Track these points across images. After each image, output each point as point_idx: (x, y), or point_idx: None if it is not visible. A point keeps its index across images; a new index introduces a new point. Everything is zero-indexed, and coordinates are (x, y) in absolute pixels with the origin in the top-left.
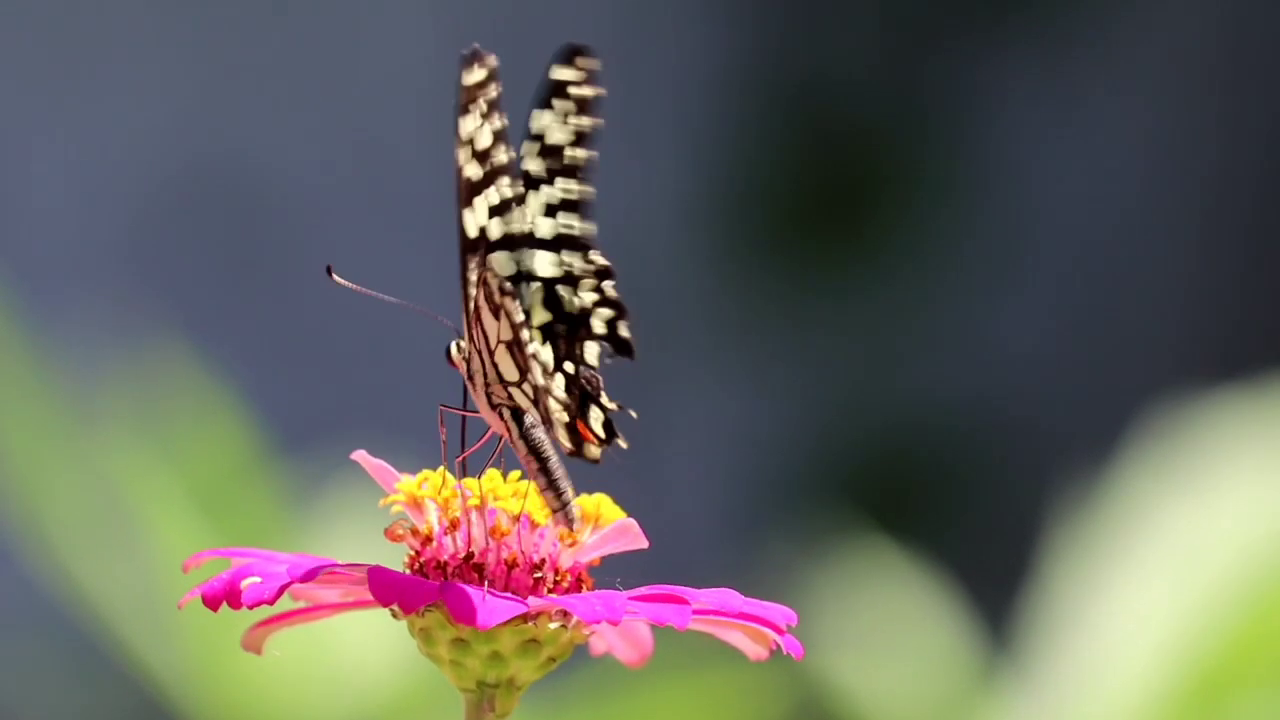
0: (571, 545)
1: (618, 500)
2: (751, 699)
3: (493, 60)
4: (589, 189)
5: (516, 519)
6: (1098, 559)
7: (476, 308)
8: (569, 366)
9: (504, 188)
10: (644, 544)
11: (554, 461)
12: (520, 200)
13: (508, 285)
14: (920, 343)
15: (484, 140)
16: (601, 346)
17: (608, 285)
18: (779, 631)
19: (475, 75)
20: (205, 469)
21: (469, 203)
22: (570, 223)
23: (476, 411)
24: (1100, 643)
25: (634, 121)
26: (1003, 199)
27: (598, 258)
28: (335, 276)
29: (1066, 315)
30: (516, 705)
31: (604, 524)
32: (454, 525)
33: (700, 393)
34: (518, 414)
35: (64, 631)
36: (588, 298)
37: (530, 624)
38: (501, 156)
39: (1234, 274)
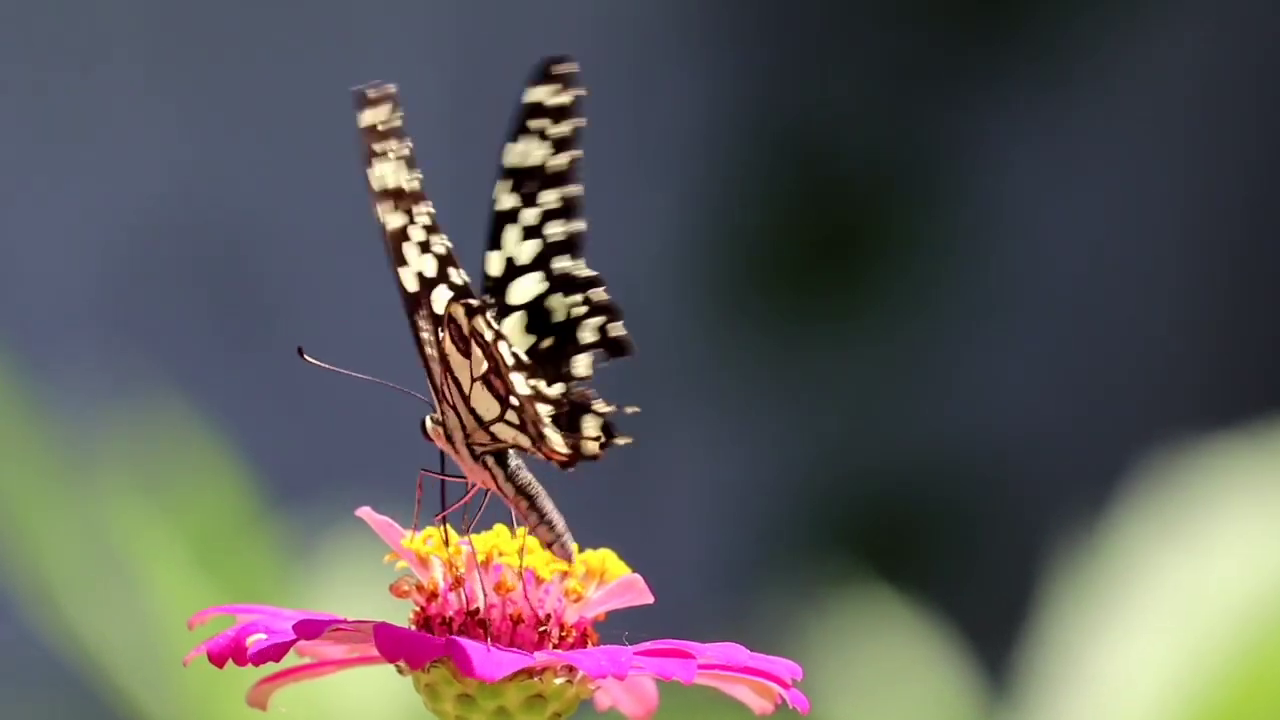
0: (577, 601)
1: (614, 543)
2: None
3: (388, 89)
4: (577, 191)
5: (521, 575)
6: (1096, 607)
7: (443, 357)
8: (557, 389)
9: (424, 218)
10: (649, 599)
11: (542, 497)
12: (432, 230)
13: (473, 302)
14: (916, 390)
15: (393, 179)
16: (594, 355)
17: (595, 292)
18: (784, 685)
19: (371, 115)
20: (203, 522)
21: (401, 258)
22: (557, 231)
23: (459, 476)
24: (1099, 691)
25: (627, 168)
26: (996, 245)
27: (582, 269)
28: (306, 357)
29: (1062, 362)
30: None
31: (609, 579)
32: (459, 581)
33: (695, 441)
34: (501, 459)
35: (64, 684)
36: (576, 310)
37: (536, 679)
38: (414, 183)
39: (1230, 321)
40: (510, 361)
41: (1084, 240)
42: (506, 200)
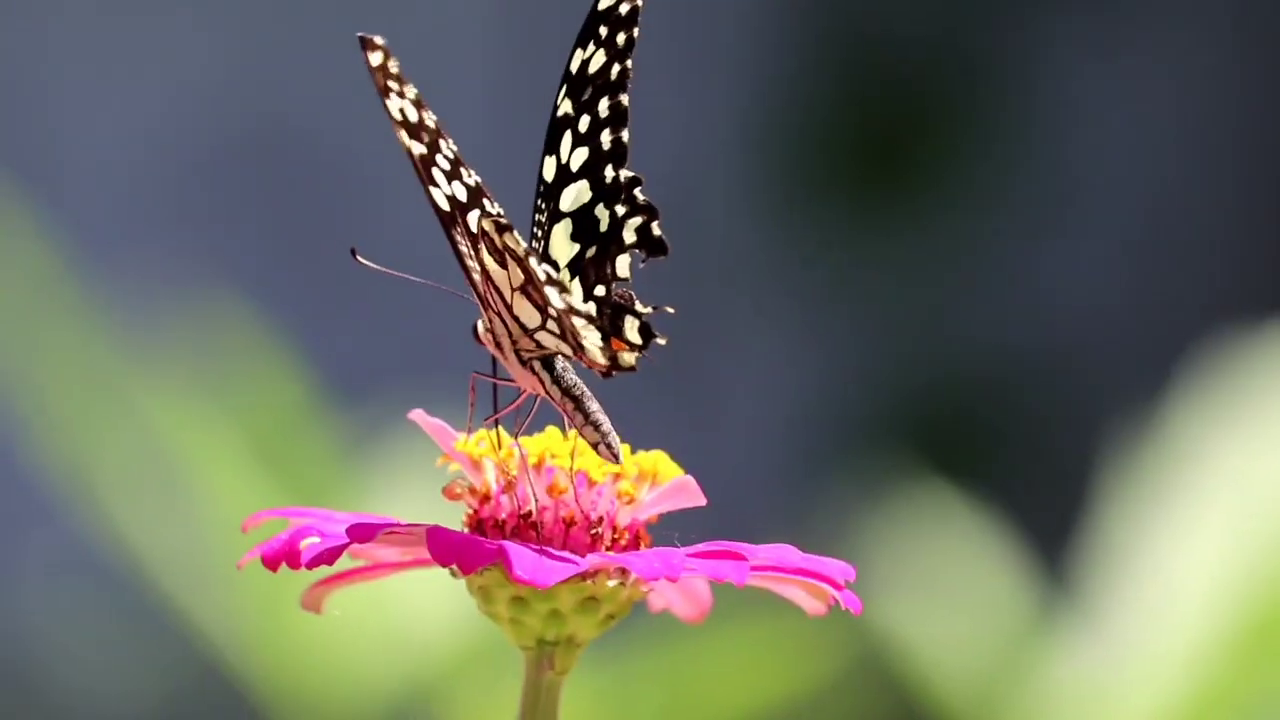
0: (629, 503)
1: (674, 450)
2: (810, 648)
3: (380, 39)
4: (626, 101)
5: (573, 477)
6: (1153, 499)
7: (483, 269)
8: (600, 289)
9: (448, 149)
10: (702, 501)
11: (588, 399)
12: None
13: (502, 220)
14: (973, 288)
15: (412, 113)
16: (633, 255)
17: (637, 192)
18: (837, 587)
19: (377, 56)
20: (261, 420)
21: (431, 179)
22: (606, 139)
23: (509, 379)
24: (1157, 582)
25: (683, 68)
26: (1055, 140)
27: (624, 171)
28: (359, 258)
29: (1116, 257)
30: (576, 662)
31: (661, 481)
32: (511, 484)
33: (755, 342)
34: (548, 363)
35: (116, 588)
36: (619, 210)
37: (589, 582)
38: (430, 120)
39: None
40: (542, 276)
41: (1142, 134)
42: (565, 105)
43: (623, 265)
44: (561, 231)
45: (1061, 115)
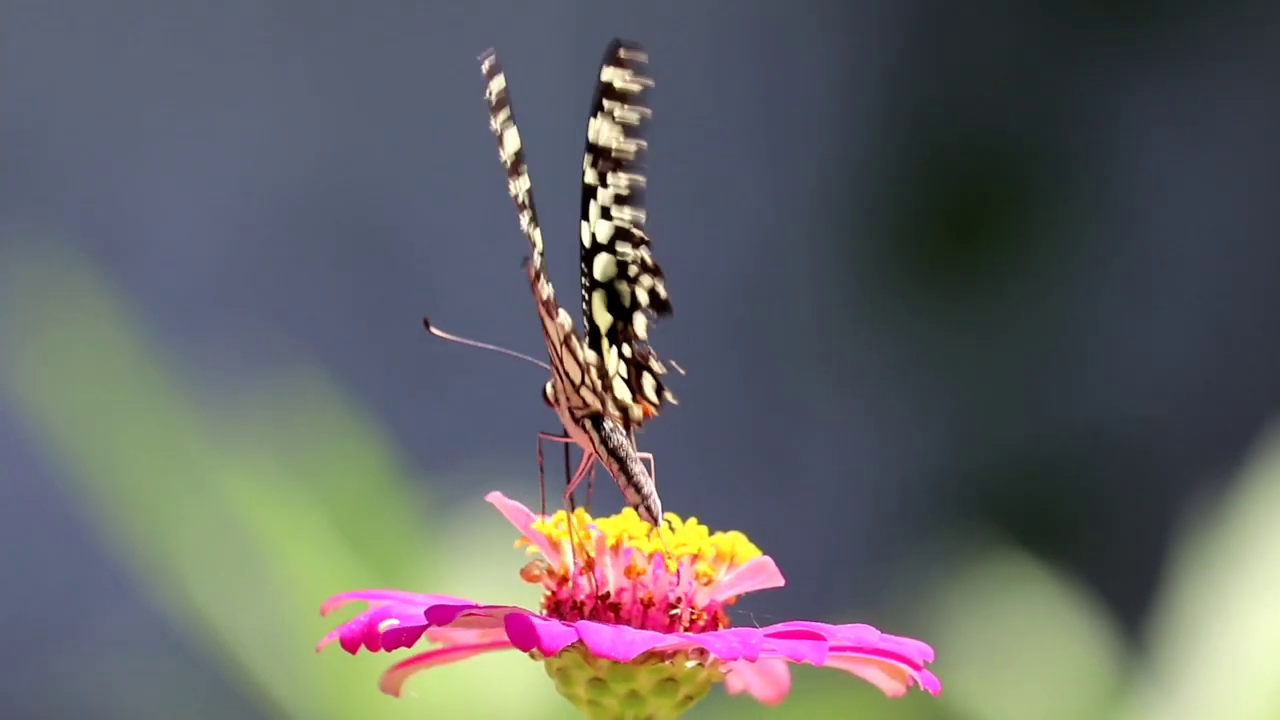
0: (707, 584)
1: (751, 527)
2: (888, 716)
3: (493, 56)
4: (640, 179)
5: (651, 558)
6: (1229, 574)
7: (542, 323)
8: (626, 349)
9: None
10: (780, 582)
11: (633, 461)
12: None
13: (535, 268)
14: (1052, 363)
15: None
16: (647, 315)
17: (645, 252)
18: (915, 667)
19: (496, 84)
20: (340, 497)
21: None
22: (624, 216)
23: (567, 436)
24: (1234, 657)
25: (764, 142)
26: (1132, 221)
27: (639, 231)
28: (433, 329)
29: (1195, 337)
30: None
31: (739, 562)
32: (589, 565)
33: (834, 418)
34: (597, 422)
35: (195, 665)
36: (634, 274)
37: (667, 663)
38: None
39: None
40: (567, 328)
41: (1216, 216)
42: (590, 175)
43: (640, 325)
44: (599, 300)
45: (1139, 193)
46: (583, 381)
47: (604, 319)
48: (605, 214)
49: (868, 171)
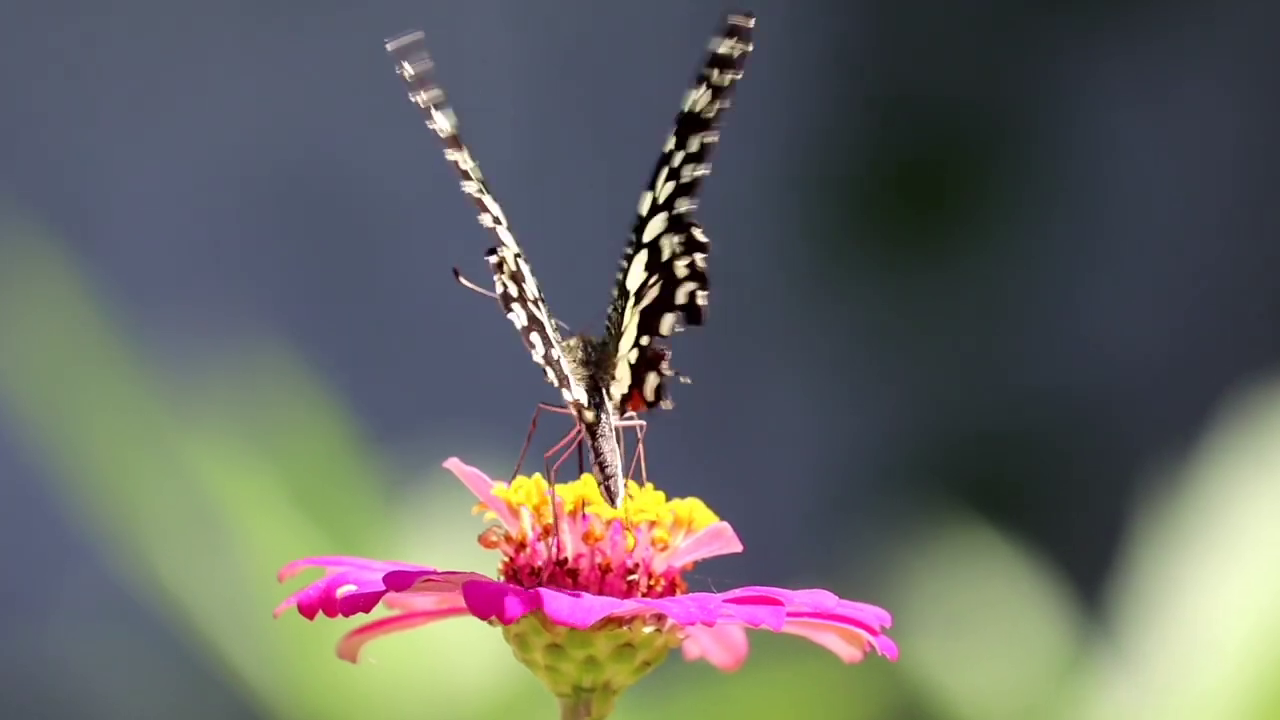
0: (664, 550)
1: (710, 496)
2: (845, 694)
3: (413, 37)
4: (714, 138)
5: (610, 524)
6: (1189, 543)
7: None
8: (645, 339)
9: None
10: (738, 547)
11: (605, 439)
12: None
13: (491, 259)
14: (1011, 330)
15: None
16: (677, 316)
17: (699, 258)
18: (873, 633)
19: (412, 67)
20: (300, 464)
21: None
22: (689, 174)
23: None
24: (1193, 625)
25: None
26: (1089, 190)
27: (699, 234)
28: (462, 279)
29: (1157, 301)
30: (612, 709)
31: (697, 528)
32: (547, 531)
33: (792, 387)
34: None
35: (156, 632)
36: (680, 271)
37: (624, 628)
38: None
39: None
40: (519, 325)
41: (1180, 181)
42: (670, 143)
43: (667, 323)
44: (640, 261)
45: (1098, 161)
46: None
47: (638, 279)
48: (671, 175)
49: (822, 143)
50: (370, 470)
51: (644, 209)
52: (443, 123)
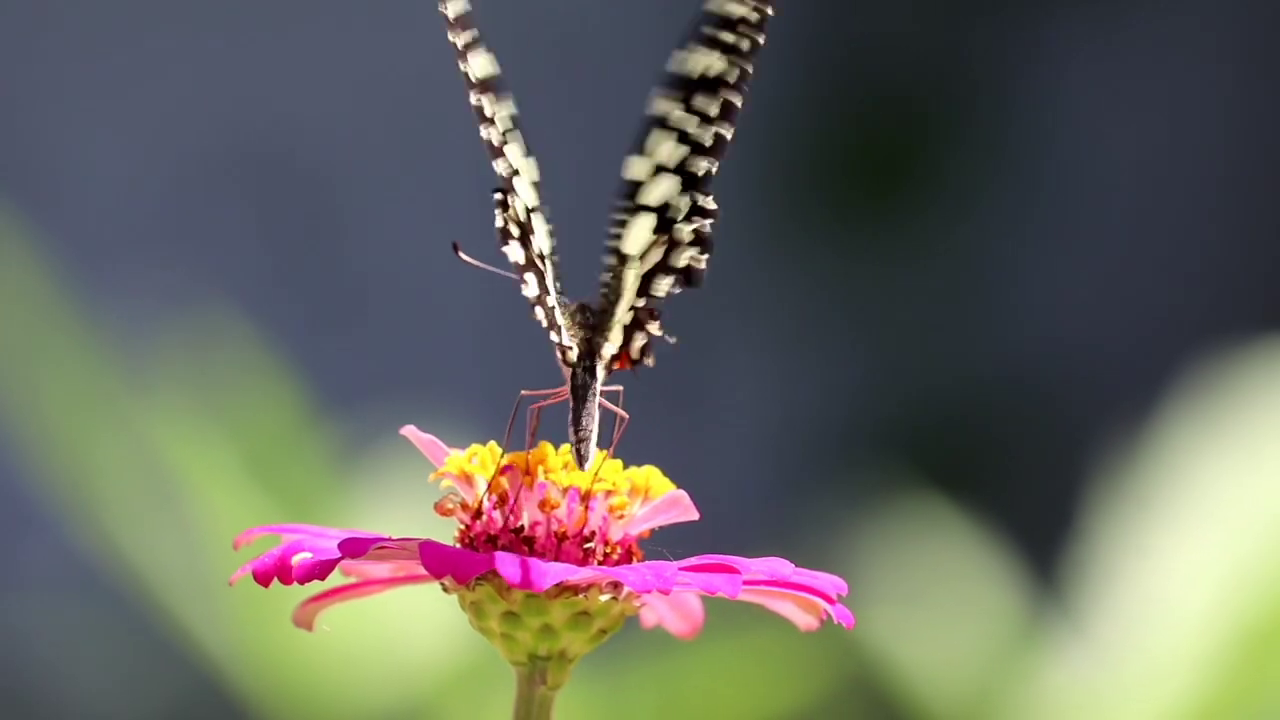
0: (621, 518)
1: (666, 464)
2: (801, 662)
3: None
4: (738, 100)
5: (566, 491)
6: (1142, 512)
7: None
8: (640, 301)
9: (506, 111)
10: (694, 515)
11: (586, 402)
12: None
13: (497, 195)
14: (969, 303)
15: (486, 68)
16: (675, 278)
17: (706, 224)
18: (829, 601)
19: (454, 6)
20: (254, 432)
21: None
22: (709, 136)
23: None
24: (1148, 595)
25: None
26: (1047, 159)
27: (709, 201)
28: (462, 254)
29: (1112, 274)
30: (568, 678)
31: (653, 496)
32: (503, 499)
33: (747, 357)
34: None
35: (114, 602)
36: (685, 235)
37: (581, 596)
38: (495, 71)
39: (1276, 228)
40: (519, 260)
41: (1132, 152)
42: (664, 107)
43: (662, 285)
44: (644, 225)
45: (1054, 135)
46: (534, 303)
47: (644, 240)
48: (682, 139)
49: (777, 112)
50: (324, 438)
51: (638, 172)
52: (475, 66)
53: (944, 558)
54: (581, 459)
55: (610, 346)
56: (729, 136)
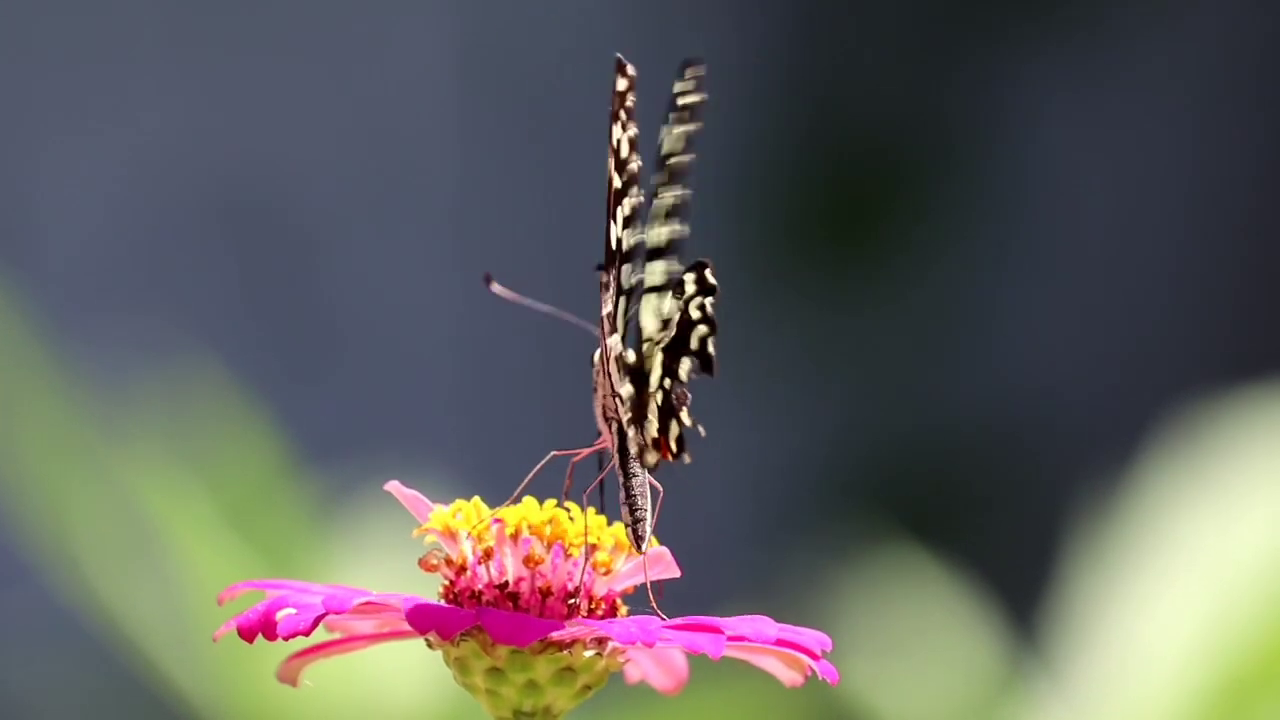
0: (605, 574)
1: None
2: (781, 712)
3: (632, 70)
4: (687, 194)
5: (551, 548)
6: (1123, 562)
7: (599, 320)
8: (667, 382)
9: (635, 198)
10: (676, 573)
11: (638, 480)
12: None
13: (607, 284)
14: (944, 347)
15: (624, 149)
16: (692, 362)
17: (708, 302)
18: (814, 657)
19: (623, 83)
20: (232, 483)
21: (613, 214)
22: (676, 230)
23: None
24: (1127, 646)
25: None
26: (1025, 206)
27: (709, 276)
28: (494, 286)
29: (1089, 321)
30: None
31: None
32: (488, 554)
33: (726, 407)
34: (624, 430)
35: (90, 650)
36: (693, 313)
37: (565, 652)
38: (634, 165)
39: (1257, 278)
40: (614, 350)
41: (1110, 200)
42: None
43: (684, 368)
44: (651, 306)
45: (1029, 178)
46: (615, 394)
47: (655, 326)
48: (663, 221)
49: (753, 156)
50: (303, 488)
51: (626, 241)
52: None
53: (921, 608)
54: (638, 541)
55: (650, 429)
56: (682, 234)
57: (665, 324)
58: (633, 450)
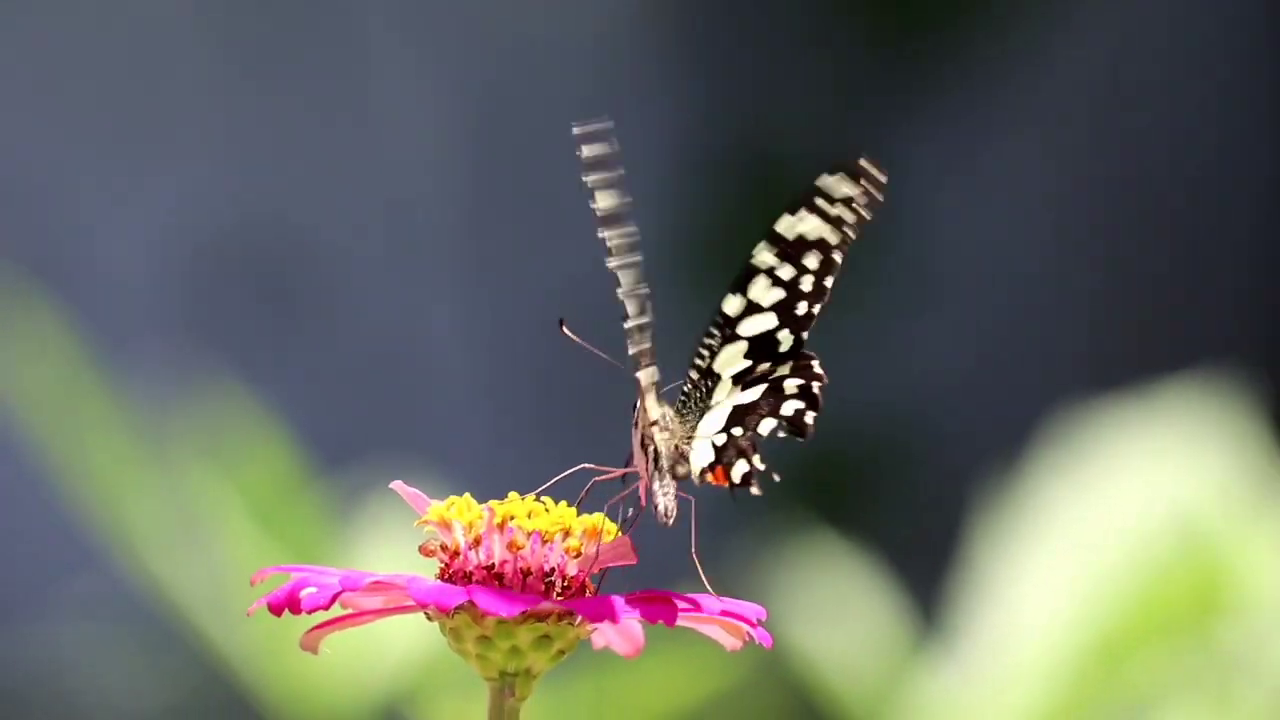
0: (576, 557)
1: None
2: (723, 669)
3: (601, 126)
4: (839, 259)
5: (530, 535)
6: (1012, 546)
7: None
8: (737, 430)
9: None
10: (634, 560)
11: (670, 503)
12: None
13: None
14: (852, 361)
15: (611, 204)
16: (780, 423)
17: (815, 385)
18: (752, 625)
19: (590, 150)
20: (258, 487)
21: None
22: (809, 284)
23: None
24: (1015, 616)
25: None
26: (919, 234)
27: (818, 367)
28: (565, 330)
29: (982, 333)
30: (533, 690)
31: (606, 539)
32: (477, 541)
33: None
34: (659, 458)
35: (149, 623)
36: (789, 387)
37: (543, 623)
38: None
39: (1120, 303)
40: (645, 381)
41: (996, 236)
42: (765, 256)
43: (767, 427)
44: (735, 350)
45: (925, 219)
46: (655, 423)
47: (735, 365)
48: (778, 283)
49: (681, 211)
50: (322, 493)
51: (731, 309)
52: (603, 202)
53: (836, 584)
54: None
55: (696, 458)
56: (829, 286)
57: (756, 359)
58: (665, 464)
